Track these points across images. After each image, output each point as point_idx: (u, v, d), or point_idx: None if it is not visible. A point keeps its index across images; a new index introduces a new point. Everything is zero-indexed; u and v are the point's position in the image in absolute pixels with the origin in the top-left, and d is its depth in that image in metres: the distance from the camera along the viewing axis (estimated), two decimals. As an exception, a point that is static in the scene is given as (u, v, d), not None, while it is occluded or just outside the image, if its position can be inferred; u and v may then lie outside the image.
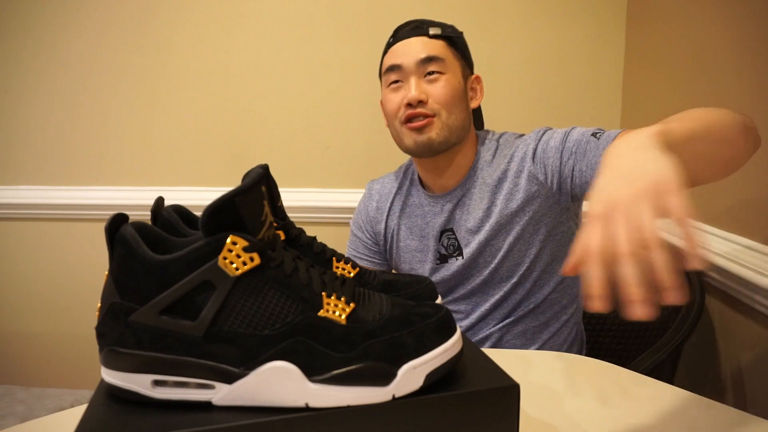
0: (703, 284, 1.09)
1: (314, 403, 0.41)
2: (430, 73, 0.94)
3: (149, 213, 0.49)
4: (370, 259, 1.15)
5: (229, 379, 0.41)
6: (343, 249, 1.15)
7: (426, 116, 0.93)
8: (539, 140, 0.94)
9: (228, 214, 0.40)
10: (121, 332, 0.41)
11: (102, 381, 0.44)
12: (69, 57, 1.60)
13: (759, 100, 0.97)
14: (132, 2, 1.56)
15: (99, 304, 0.43)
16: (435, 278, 1.03)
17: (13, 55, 1.60)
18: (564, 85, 1.55)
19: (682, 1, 1.23)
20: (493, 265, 0.97)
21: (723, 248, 1.04)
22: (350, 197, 1.58)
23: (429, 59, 0.94)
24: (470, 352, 0.51)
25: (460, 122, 0.96)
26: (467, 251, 0.99)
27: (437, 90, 0.94)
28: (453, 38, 0.98)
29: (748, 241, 1.00)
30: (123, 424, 0.40)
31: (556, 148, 0.90)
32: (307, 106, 1.60)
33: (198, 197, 1.60)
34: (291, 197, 1.59)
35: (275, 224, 0.51)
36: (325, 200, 1.62)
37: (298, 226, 0.60)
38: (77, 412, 0.65)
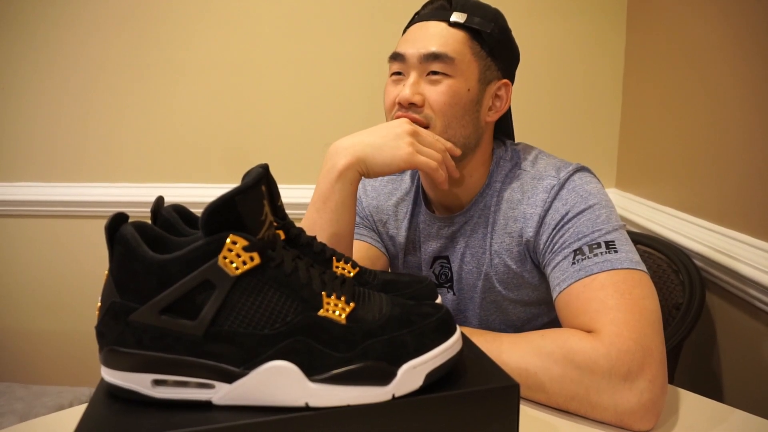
0: (703, 282, 1.09)
1: (314, 403, 0.41)
2: (433, 73, 0.77)
3: (149, 210, 0.49)
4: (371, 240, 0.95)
5: (229, 378, 0.41)
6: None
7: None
8: (552, 231, 0.76)
9: (228, 213, 0.40)
10: (121, 332, 0.41)
11: (102, 380, 0.44)
12: (69, 55, 1.59)
13: (758, 99, 0.97)
14: (133, 1, 1.56)
15: (99, 303, 0.43)
16: None
17: (14, 52, 1.59)
18: (564, 85, 1.54)
19: (682, 1, 1.23)
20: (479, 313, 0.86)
21: (724, 245, 1.04)
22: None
23: (434, 56, 0.76)
24: (470, 351, 0.51)
25: (459, 138, 0.79)
26: (457, 288, 0.87)
27: (435, 94, 0.77)
28: (481, 33, 0.78)
29: (749, 239, 0.99)
30: (123, 424, 0.40)
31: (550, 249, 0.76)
32: (305, 103, 1.60)
33: (197, 194, 1.60)
34: (290, 194, 1.58)
35: (275, 224, 0.51)
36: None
37: (296, 222, 0.60)
38: (77, 412, 0.65)
